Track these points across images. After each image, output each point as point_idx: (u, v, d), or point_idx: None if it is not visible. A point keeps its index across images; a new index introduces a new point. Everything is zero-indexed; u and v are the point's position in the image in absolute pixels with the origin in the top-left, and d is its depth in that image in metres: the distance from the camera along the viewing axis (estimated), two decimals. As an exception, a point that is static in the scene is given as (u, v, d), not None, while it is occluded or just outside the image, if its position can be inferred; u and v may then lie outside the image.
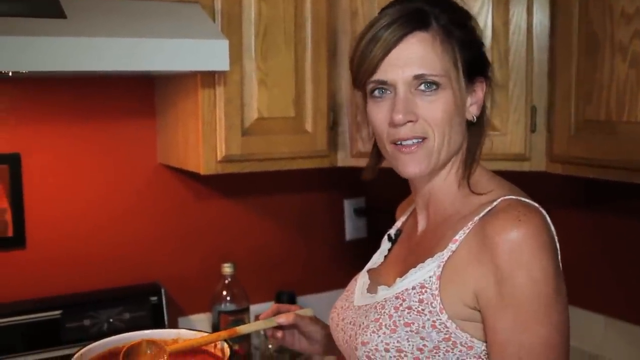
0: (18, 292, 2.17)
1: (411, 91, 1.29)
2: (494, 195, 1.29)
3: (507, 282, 1.20)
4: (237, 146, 1.99)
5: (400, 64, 1.29)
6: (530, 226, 1.20)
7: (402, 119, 1.28)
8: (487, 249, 1.22)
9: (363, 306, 1.41)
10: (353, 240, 2.75)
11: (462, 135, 1.35)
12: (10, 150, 2.15)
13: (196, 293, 2.43)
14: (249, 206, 2.54)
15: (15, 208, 2.15)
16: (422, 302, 1.28)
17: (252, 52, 2.00)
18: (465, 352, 1.26)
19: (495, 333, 1.22)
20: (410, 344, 1.27)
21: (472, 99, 1.36)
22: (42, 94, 2.17)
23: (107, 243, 2.31)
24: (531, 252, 1.19)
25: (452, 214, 1.35)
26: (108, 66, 1.69)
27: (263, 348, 2.31)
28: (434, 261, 1.29)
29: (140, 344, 1.46)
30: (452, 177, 1.38)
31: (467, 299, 1.25)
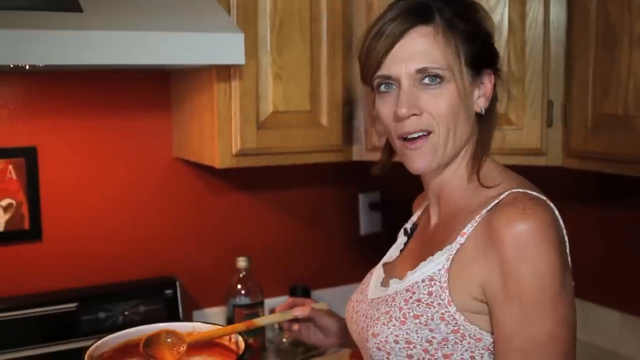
0: (35, 284, 2.19)
1: (415, 85, 1.30)
2: (502, 189, 1.29)
3: (513, 276, 1.20)
4: (252, 140, 2.00)
5: (403, 59, 1.29)
6: (536, 219, 1.20)
7: (406, 113, 1.29)
8: (493, 242, 1.22)
9: (375, 299, 1.42)
10: (368, 234, 2.74)
11: (469, 128, 1.35)
12: (27, 143, 2.16)
13: (211, 286, 2.43)
14: (264, 200, 2.54)
15: (32, 201, 2.17)
16: (431, 294, 1.28)
17: (267, 45, 2.00)
18: (474, 344, 1.26)
19: (501, 326, 1.22)
20: (419, 335, 1.28)
21: (479, 92, 1.35)
22: (59, 88, 2.18)
23: (122, 236, 2.32)
24: (536, 246, 1.19)
25: (462, 207, 1.35)
26: (124, 60, 1.70)
27: (277, 341, 2.31)
28: (443, 254, 1.30)
29: (160, 334, 1.47)
30: (462, 170, 1.38)
31: (475, 292, 1.25)
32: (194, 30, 1.76)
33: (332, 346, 1.71)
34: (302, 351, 2.30)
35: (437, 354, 1.27)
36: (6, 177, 2.13)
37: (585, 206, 2.34)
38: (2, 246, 2.15)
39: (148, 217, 2.35)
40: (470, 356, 1.27)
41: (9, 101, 2.13)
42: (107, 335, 1.48)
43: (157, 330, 1.47)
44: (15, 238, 2.16)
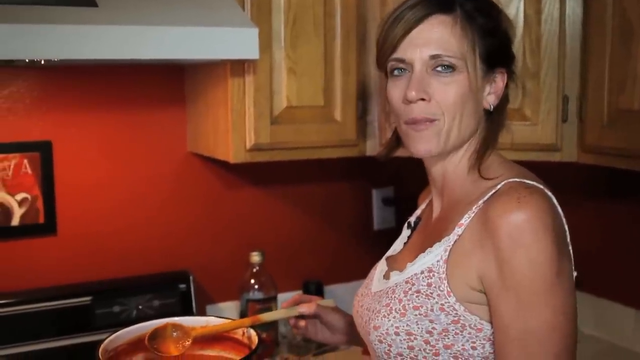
0: (49, 278, 2.20)
1: (427, 71, 1.31)
2: (500, 179, 1.30)
3: (508, 265, 1.20)
4: (266, 135, 2.00)
5: (419, 44, 1.31)
6: (531, 208, 1.20)
7: (415, 96, 1.30)
8: (488, 231, 1.23)
9: (377, 292, 1.43)
10: (381, 230, 2.74)
11: (475, 122, 1.36)
12: (42, 137, 2.17)
13: (224, 281, 2.44)
14: (277, 195, 2.54)
15: (47, 195, 2.18)
16: (430, 285, 1.29)
17: (281, 40, 2.00)
18: (474, 334, 1.26)
19: (499, 316, 1.22)
20: (419, 327, 1.28)
21: (490, 88, 1.36)
22: (73, 82, 2.19)
23: (136, 230, 2.33)
24: (531, 234, 1.18)
25: (462, 198, 1.36)
26: (138, 54, 1.70)
27: (290, 336, 2.31)
28: (441, 245, 1.30)
29: (166, 327, 1.47)
30: (464, 163, 1.38)
31: (473, 282, 1.25)
32: (209, 25, 1.77)
33: (339, 343, 1.71)
34: (314, 346, 2.30)
35: (437, 345, 1.28)
36: (21, 172, 2.14)
37: (600, 202, 2.33)
38: (18, 240, 2.17)
39: (162, 212, 2.36)
40: (472, 346, 1.27)
41: (24, 96, 2.14)
42: (121, 329, 1.49)
43: (162, 324, 1.48)
44: (30, 232, 2.17)
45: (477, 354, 1.27)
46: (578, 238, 1.27)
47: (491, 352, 1.26)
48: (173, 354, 1.45)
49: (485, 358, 1.27)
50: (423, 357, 1.29)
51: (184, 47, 1.74)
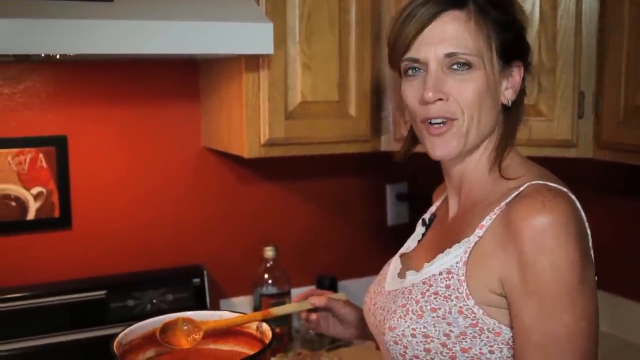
0: (64, 272, 2.21)
1: (443, 70, 1.28)
2: (522, 180, 1.27)
3: (531, 269, 1.18)
4: (280, 130, 2.00)
5: (432, 42, 1.28)
6: (555, 212, 1.18)
7: (432, 97, 1.27)
8: (511, 235, 1.21)
9: (392, 291, 1.41)
10: (395, 225, 2.74)
11: (494, 119, 1.33)
12: (57, 132, 2.18)
13: (238, 276, 2.44)
14: (291, 190, 2.54)
15: (62, 190, 2.19)
16: (448, 287, 1.27)
17: (296, 35, 2.00)
18: (492, 338, 1.24)
19: (520, 320, 1.21)
20: (436, 329, 1.27)
21: (507, 83, 1.33)
22: (89, 77, 2.20)
23: (150, 225, 2.33)
24: (555, 239, 1.17)
25: (481, 199, 1.34)
26: (153, 49, 1.71)
27: (304, 331, 2.32)
28: (461, 247, 1.28)
29: (177, 321, 1.47)
30: (483, 161, 1.36)
31: (493, 285, 1.23)
32: (223, 20, 1.77)
33: (351, 338, 1.71)
34: (328, 341, 2.30)
35: (455, 348, 1.26)
36: (37, 166, 2.15)
37: (615, 199, 2.32)
38: (33, 234, 2.18)
39: (176, 207, 2.37)
40: (489, 350, 1.25)
41: (39, 90, 2.15)
42: (136, 323, 1.49)
43: (173, 318, 1.48)
44: (45, 226, 2.18)
45: (494, 357, 1.25)
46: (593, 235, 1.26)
47: (509, 356, 1.24)
48: (184, 347, 1.46)
49: None
50: None
51: (199, 42, 1.74)
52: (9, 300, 2.06)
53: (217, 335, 1.53)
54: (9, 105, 2.12)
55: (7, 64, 2.10)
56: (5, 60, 2.07)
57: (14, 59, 2.04)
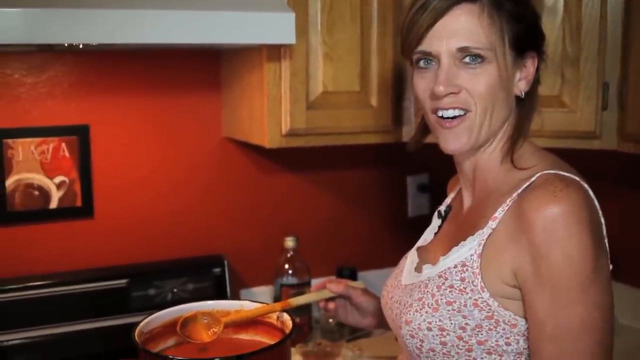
0: (86, 260, 2.23)
1: (455, 63, 1.28)
2: (534, 170, 1.27)
3: (543, 260, 1.17)
4: (301, 120, 1.99)
5: (445, 35, 1.27)
6: (567, 201, 1.17)
7: (443, 91, 1.27)
8: (523, 226, 1.20)
9: (409, 285, 1.41)
10: (415, 217, 2.73)
11: (507, 111, 1.33)
12: (80, 122, 2.19)
13: (259, 266, 2.45)
14: (312, 180, 2.54)
15: (84, 179, 2.20)
16: (463, 280, 1.27)
17: (317, 25, 1.99)
18: (508, 330, 1.24)
19: (534, 311, 1.20)
20: (452, 322, 1.27)
21: (521, 74, 1.33)
22: (111, 67, 2.21)
23: (172, 214, 2.34)
24: (567, 228, 1.16)
25: (494, 190, 1.33)
26: (175, 39, 1.71)
27: (324, 322, 2.32)
28: (475, 239, 1.28)
29: (196, 315, 1.48)
30: (496, 152, 1.36)
31: (507, 277, 1.23)
32: (245, 9, 1.76)
33: (369, 327, 1.71)
34: (348, 331, 2.30)
35: (471, 341, 1.26)
36: (59, 155, 2.16)
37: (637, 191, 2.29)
38: (56, 222, 2.20)
39: (197, 196, 2.37)
40: (505, 342, 1.25)
41: (62, 80, 2.16)
42: (157, 312, 1.50)
43: (192, 312, 1.48)
44: (68, 215, 2.20)
45: (510, 349, 1.25)
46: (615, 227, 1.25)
47: (525, 348, 1.24)
48: (205, 341, 1.46)
49: (519, 354, 1.25)
50: (456, 353, 1.28)
51: (221, 32, 1.74)
52: (31, 288, 2.08)
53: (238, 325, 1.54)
54: (32, 94, 2.13)
55: (30, 53, 2.11)
56: (29, 50, 2.08)
57: (37, 48, 2.05)
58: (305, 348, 2.14)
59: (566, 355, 1.18)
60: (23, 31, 1.56)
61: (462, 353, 1.27)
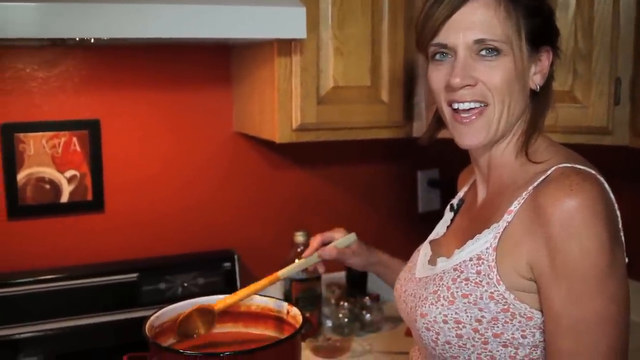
0: (97, 254, 2.24)
1: (472, 56, 1.28)
2: (550, 164, 1.27)
3: (560, 253, 1.18)
4: (312, 115, 1.99)
5: (461, 28, 1.27)
6: (583, 195, 1.17)
7: (459, 83, 1.27)
8: (539, 219, 1.20)
9: (423, 278, 1.42)
10: (426, 212, 2.72)
11: (523, 104, 1.33)
12: (90, 116, 2.20)
13: (269, 260, 2.44)
14: (322, 175, 2.54)
15: (95, 173, 2.21)
16: (479, 273, 1.27)
17: (328, 20, 1.99)
18: (524, 323, 1.25)
19: (550, 305, 1.20)
20: (468, 315, 1.27)
21: (536, 68, 1.33)
22: (121, 62, 2.21)
23: (182, 209, 2.35)
24: (584, 222, 1.16)
25: (509, 184, 1.34)
26: (186, 33, 1.71)
27: (334, 317, 2.32)
28: (490, 232, 1.29)
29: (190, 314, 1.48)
30: (511, 147, 1.36)
31: (523, 270, 1.24)
32: (256, 4, 1.76)
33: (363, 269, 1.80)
34: (358, 326, 2.30)
35: (487, 334, 1.26)
36: (70, 149, 2.17)
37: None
38: (66, 216, 2.20)
39: (207, 191, 2.38)
40: (521, 335, 1.25)
41: (73, 74, 2.17)
42: (167, 306, 1.51)
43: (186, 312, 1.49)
44: (78, 209, 2.21)
45: (526, 342, 1.25)
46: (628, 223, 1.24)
47: (541, 341, 1.25)
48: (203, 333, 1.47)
49: (535, 346, 1.26)
50: (472, 346, 1.28)
51: (232, 26, 1.74)
52: (42, 282, 2.09)
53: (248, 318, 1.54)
54: (43, 89, 2.14)
55: (41, 48, 2.11)
56: (40, 45, 2.09)
57: (48, 43, 2.06)
58: (315, 343, 2.14)
59: (582, 348, 1.18)
60: (35, 25, 1.56)
61: (478, 346, 1.27)
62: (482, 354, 1.28)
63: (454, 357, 1.31)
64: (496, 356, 1.27)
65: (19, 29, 1.56)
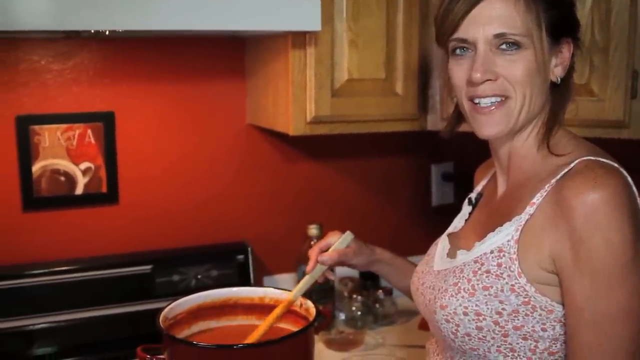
0: (111, 246, 2.24)
1: (492, 50, 1.28)
2: (572, 157, 1.27)
3: (583, 247, 1.17)
4: (326, 107, 1.99)
5: (481, 22, 1.27)
6: (607, 188, 1.17)
7: (480, 78, 1.27)
8: (562, 212, 1.20)
9: (442, 270, 1.41)
10: (439, 205, 2.72)
11: (544, 97, 1.32)
12: (105, 108, 2.20)
13: (282, 253, 2.45)
14: (336, 168, 2.54)
15: (109, 165, 2.21)
16: (500, 265, 1.27)
17: (343, 12, 1.98)
18: (545, 316, 1.24)
19: (572, 298, 1.20)
20: (488, 307, 1.27)
21: (557, 60, 1.32)
22: (136, 54, 2.21)
23: (196, 201, 2.35)
24: (608, 215, 1.16)
25: (531, 176, 1.33)
26: (200, 26, 1.71)
27: (347, 310, 2.32)
28: (512, 225, 1.28)
29: None
30: (532, 138, 1.35)
31: (544, 263, 1.23)
32: (271, -4, 1.76)
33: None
34: (371, 319, 2.30)
35: (507, 326, 1.26)
36: (85, 141, 2.17)
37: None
38: (81, 208, 2.21)
39: (221, 183, 2.38)
40: (542, 328, 1.25)
41: (88, 67, 2.17)
42: (181, 298, 1.51)
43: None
44: (93, 201, 2.22)
45: (547, 335, 1.25)
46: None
47: (561, 334, 1.24)
48: None
49: (555, 340, 1.25)
50: (491, 338, 1.28)
51: (246, 19, 1.74)
52: (57, 274, 2.10)
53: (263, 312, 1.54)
54: (58, 81, 2.14)
55: (56, 40, 2.12)
56: (55, 37, 2.10)
57: (63, 35, 2.06)
58: (328, 336, 2.15)
59: (604, 341, 1.18)
60: (50, 18, 1.57)
61: (498, 338, 1.27)
62: (501, 347, 1.28)
63: (473, 349, 1.31)
64: (516, 349, 1.27)
65: (34, 21, 1.56)
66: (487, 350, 1.29)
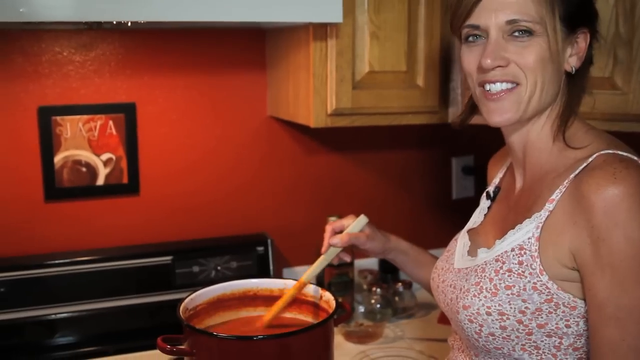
0: (132, 237, 2.26)
1: (504, 37, 1.27)
2: (590, 150, 1.25)
3: (604, 242, 1.16)
4: (347, 99, 1.98)
5: (493, 9, 1.26)
6: (627, 183, 1.16)
7: (491, 64, 1.27)
8: (582, 208, 1.19)
9: (463, 269, 1.40)
10: (460, 199, 2.71)
11: (557, 86, 1.31)
12: (127, 100, 2.21)
13: (301, 245, 2.45)
14: (356, 160, 2.53)
15: (130, 156, 2.22)
16: (521, 264, 1.26)
17: (365, 4, 1.97)
18: (568, 312, 1.24)
19: (593, 294, 1.19)
20: (512, 306, 1.26)
21: (572, 50, 1.31)
22: (158, 45, 2.22)
23: (216, 193, 2.36)
24: (628, 210, 1.15)
25: (549, 170, 1.32)
26: (221, 17, 1.71)
27: (366, 302, 2.32)
28: (532, 222, 1.27)
29: None
30: (546, 131, 1.34)
31: (565, 260, 1.22)
32: (292, -13, 1.76)
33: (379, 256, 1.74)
34: (390, 312, 2.30)
35: (531, 324, 1.25)
36: (107, 132, 2.19)
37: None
38: (102, 199, 2.23)
39: (242, 175, 2.38)
40: (565, 325, 1.24)
41: (110, 58, 2.18)
42: (202, 289, 1.52)
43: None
44: (114, 192, 2.23)
45: (571, 332, 1.24)
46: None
47: (585, 330, 1.24)
48: None
49: (579, 335, 1.25)
50: (516, 337, 1.27)
51: (268, 10, 1.73)
52: (78, 264, 2.12)
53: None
54: (80, 72, 2.15)
55: (78, 31, 2.13)
56: (77, 28, 2.11)
57: (85, 26, 2.07)
58: (347, 328, 2.15)
59: (627, 336, 1.17)
60: (72, 9, 1.57)
61: (522, 337, 1.27)
62: (526, 345, 1.27)
63: (497, 348, 1.30)
64: (540, 346, 1.26)
65: (56, 13, 1.57)
66: (512, 349, 1.29)
